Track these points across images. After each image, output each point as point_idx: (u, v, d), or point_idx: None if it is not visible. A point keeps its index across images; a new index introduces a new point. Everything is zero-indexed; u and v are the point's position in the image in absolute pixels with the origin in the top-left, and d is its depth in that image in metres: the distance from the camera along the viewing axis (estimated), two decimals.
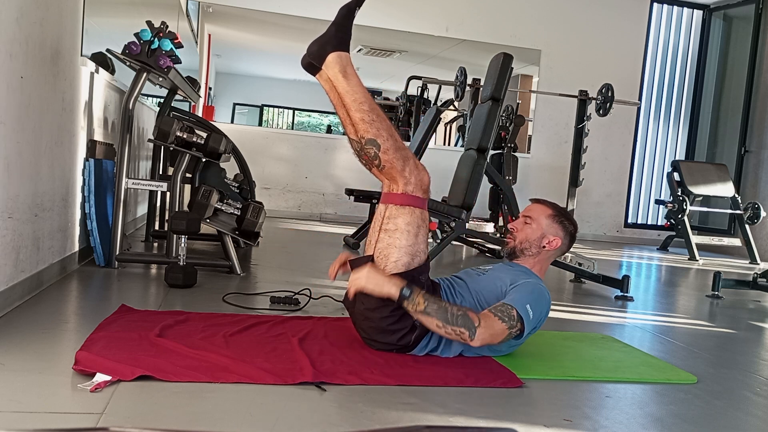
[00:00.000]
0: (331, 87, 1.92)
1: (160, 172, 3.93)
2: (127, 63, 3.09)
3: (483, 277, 2.02)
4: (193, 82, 3.97)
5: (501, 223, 5.65)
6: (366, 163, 1.90)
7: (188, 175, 3.54)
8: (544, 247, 2.06)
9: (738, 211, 6.21)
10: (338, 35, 1.92)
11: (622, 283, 3.36)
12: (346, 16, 1.94)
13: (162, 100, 3.93)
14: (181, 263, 2.71)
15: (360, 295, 1.86)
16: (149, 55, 2.95)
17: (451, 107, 4.97)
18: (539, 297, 1.90)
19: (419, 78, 6.38)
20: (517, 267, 2.05)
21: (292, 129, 13.15)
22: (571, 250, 2.49)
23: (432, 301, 1.75)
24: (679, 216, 6.04)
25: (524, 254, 2.07)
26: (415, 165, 1.91)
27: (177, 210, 3.18)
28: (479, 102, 4.25)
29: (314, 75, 1.95)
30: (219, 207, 3.26)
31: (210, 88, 9.99)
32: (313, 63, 1.92)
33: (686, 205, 6.03)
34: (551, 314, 2.12)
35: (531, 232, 2.07)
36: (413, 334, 1.85)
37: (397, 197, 1.89)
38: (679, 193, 6.17)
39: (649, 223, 7.54)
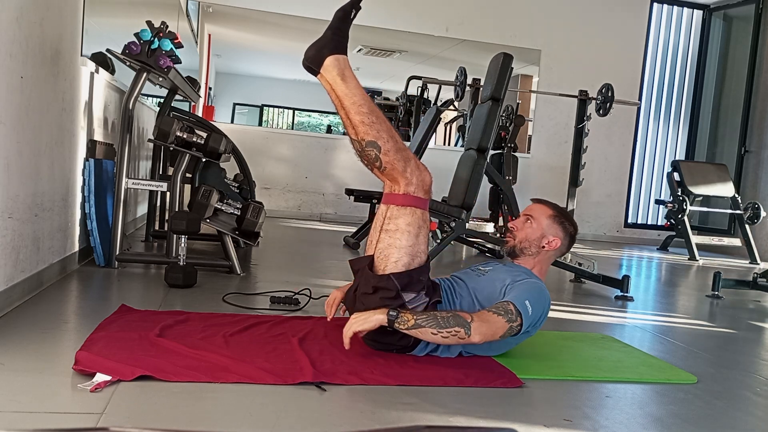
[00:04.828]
0: (331, 89, 1.93)
1: (160, 172, 3.93)
2: (127, 63, 3.09)
3: (482, 278, 2.02)
4: (193, 82, 3.97)
5: (501, 223, 5.65)
6: (367, 164, 1.91)
7: (188, 175, 3.54)
8: (543, 247, 2.06)
9: (738, 211, 6.21)
10: (335, 39, 1.93)
11: (622, 283, 3.35)
12: (342, 19, 1.94)
13: (162, 100, 3.93)
14: (181, 263, 2.71)
15: (360, 296, 1.88)
16: (149, 55, 2.96)
17: (451, 107, 4.96)
18: (539, 295, 1.90)
19: (419, 78, 6.37)
20: (517, 267, 2.05)
21: (292, 129, 13.15)
22: (571, 250, 2.49)
23: (419, 313, 1.77)
24: (679, 216, 6.04)
25: (524, 254, 2.07)
26: (416, 165, 1.91)
27: (177, 210, 3.18)
28: (479, 102, 4.25)
29: (315, 76, 1.96)
30: (219, 207, 3.26)
31: (210, 88, 9.99)
32: (311, 67, 1.93)
33: (686, 205, 6.03)
34: (551, 314, 2.13)
35: (531, 232, 2.07)
36: None
37: (399, 198, 1.89)
38: (679, 193, 6.17)
39: (649, 223, 7.53)
